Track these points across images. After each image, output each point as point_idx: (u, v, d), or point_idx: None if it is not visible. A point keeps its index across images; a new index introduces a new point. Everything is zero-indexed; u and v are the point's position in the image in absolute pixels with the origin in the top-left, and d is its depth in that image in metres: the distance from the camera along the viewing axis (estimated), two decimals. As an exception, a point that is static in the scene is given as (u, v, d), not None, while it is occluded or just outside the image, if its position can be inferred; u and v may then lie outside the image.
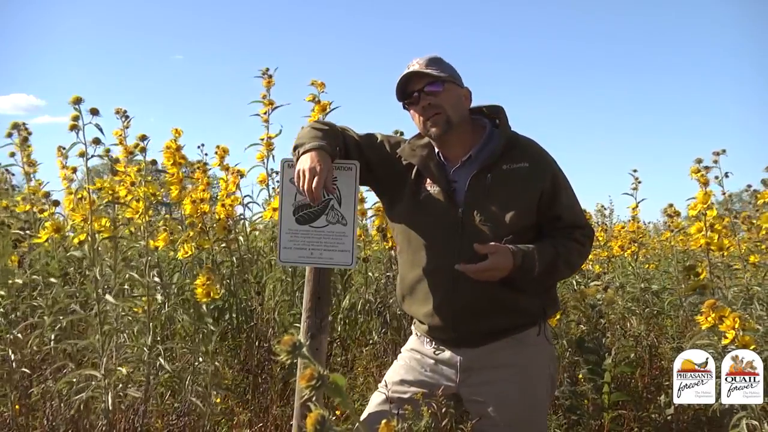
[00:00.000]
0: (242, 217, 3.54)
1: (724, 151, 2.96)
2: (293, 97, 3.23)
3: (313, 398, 0.72)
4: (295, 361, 0.74)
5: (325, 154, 1.67)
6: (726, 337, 1.86)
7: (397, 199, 1.84)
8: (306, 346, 0.74)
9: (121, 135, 2.83)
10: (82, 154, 2.40)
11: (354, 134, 1.86)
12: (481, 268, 1.62)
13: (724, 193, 3.16)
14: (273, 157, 3.53)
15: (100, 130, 2.36)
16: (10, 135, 2.71)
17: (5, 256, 2.92)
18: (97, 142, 2.40)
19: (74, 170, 2.71)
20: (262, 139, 3.51)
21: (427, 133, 1.77)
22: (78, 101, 2.30)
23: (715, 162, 2.96)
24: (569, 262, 1.72)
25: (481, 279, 1.63)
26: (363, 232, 3.68)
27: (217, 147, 3.53)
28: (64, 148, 3.11)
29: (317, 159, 1.65)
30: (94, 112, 2.32)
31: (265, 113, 3.54)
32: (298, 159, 1.71)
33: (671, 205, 4.28)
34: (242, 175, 3.50)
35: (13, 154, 2.99)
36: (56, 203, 2.92)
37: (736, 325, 1.84)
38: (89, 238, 2.50)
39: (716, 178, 2.96)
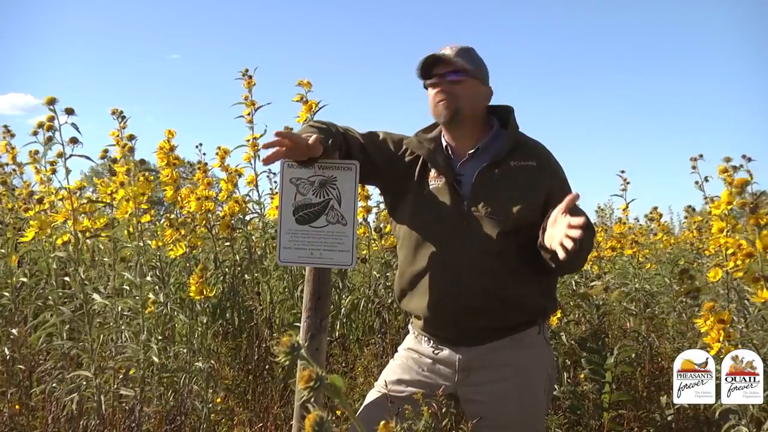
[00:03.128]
0: (254, 212, 3.54)
1: (749, 159, 2.93)
2: (293, 96, 3.20)
3: (312, 399, 0.71)
4: (294, 361, 0.74)
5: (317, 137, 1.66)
6: (711, 348, 1.87)
7: (401, 196, 1.84)
8: (305, 346, 0.74)
9: (117, 135, 2.83)
10: (61, 155, 2.39)
11: (357, 135, 1.86)
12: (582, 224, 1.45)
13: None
14: (259, 157, 3.51)
15: (77, 129, 2.34)
16: (35, 134, 2.73)
17: (9, 255, 2.92)
18: (74, 141, 2.39)
19: (53, 171, 2.71)
20: (248, 141, 3.50)
21: (437, 114, 1.77)
22: (52, 102, 2.29)
23: (728, 161, 2.95)
24: (584, 255, 1.70)
25: (568, 250, 1.44)
26: (367, 229, 3.67)
27: (218, 148, 3.53)
28: (38, 152, 3.10)
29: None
30: (70, 111, 2.31)
31: (248, 114, 3.52)
32: None
33: (656, 208, 4.29)
34: (240, 175, 3.51)
35: (36, 152, 3.00)
36: (40, 201, 2.92)
37: (721, 338, 1.84)
38: (72, 239, 2.49)
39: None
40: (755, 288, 2.01)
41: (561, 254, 1.46)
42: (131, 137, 2.63)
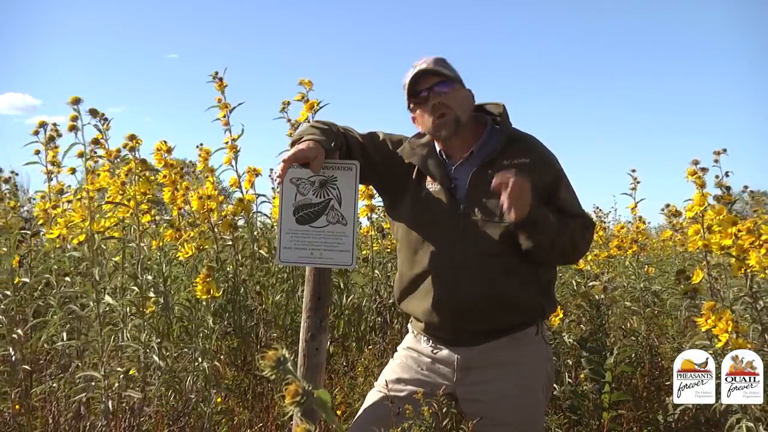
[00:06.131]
0: (258, 213, 3.52)
1: (724, 150, 2.95)
2: (291, 95, 3.20)
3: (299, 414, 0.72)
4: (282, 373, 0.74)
5: (318, 145, 1.68)
6: (720, 340, 1.86)
7: (399, 198, 1.85)
8: (304, 347, 0.74)
9: (101, 137, 2.83)
10: (82, 155, 2.41)
11: (356, 134, 1.86)
12: (513, 182, 1.54)
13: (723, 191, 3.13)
14: (238, 159, 3.45)
15: (100, 130, 2.37)
16: (36, 133, 2.73)
17: (12, 256, 2.92)
18: (96, 142, 2.42)
19: (73, 171, 2.71)
20: (226, 143, 3.45)
21: (436, 133, 1.76)
22: (77, 102, 2.31)
23: (716, 161, 2.95)
24: (573, 236, 1.70)
25: (510, 202, 1.54)
26: (370, 228, 3.66)
27: (200, 149, 3.50)
28: (38, 152, 3.10)
29: (309, 145, 1.67)
30: (94, 113, 2.34)
31: (224, 117, 3.47)
32: None
33: (668, 205, 4.27)
34: (258, 174, 3.48)
35: (38, 152, 3.01)
36: (69, 200, 2.93)
37: (730, 328, 1.84)
38: (89, 239, 2.51)
39: (716, 177, 2.95)
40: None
41: (508, 216, 1.57)
42: (133, 137, 2.63)
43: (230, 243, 3.24)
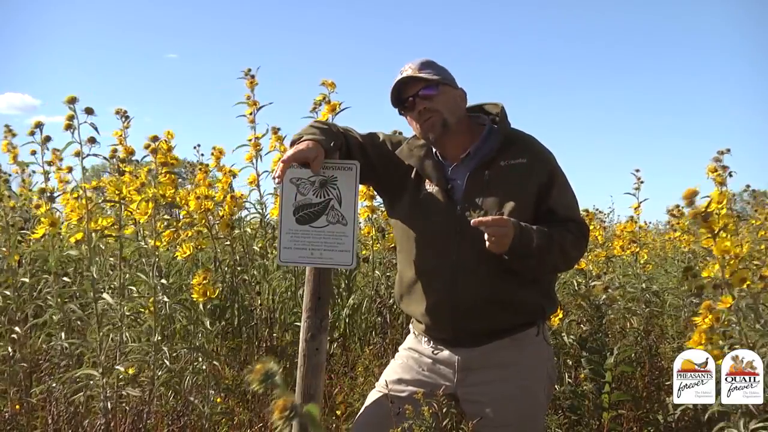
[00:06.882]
0: (256, 213, 3.54)
1: (728, 150, 2.95)
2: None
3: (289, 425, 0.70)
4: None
5: (317, 145, 1.68)
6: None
7: (398, 198, 1.85)
8: (306, 345, 0.73)
9: (121, 135, 2.83)
10: (78, 154, 2.41)
11: (357, 135, 1.86)
12: (490, 222, 1.57)
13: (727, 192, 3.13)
14: (261, 157, 3.51)
15: (96, 129, 2.37)
16: (32, 134, 2.73)
17: (12, 254, 2.92)
18: (92, 141, 2.41)
19: (70, 169, 2.70)
20: (250, 140, 3.48)
21: (425, 137, 1.77)
22: (73, 101, 2.31)
23: (718, 161, 2.95)
24: (563, 249, 1.70)
25: (490, 242, 1.57)
26: (371, 229, 3.66)
27: (213, 148, 3.52)
28: (34, 152, 3.11)
29: (308, 145, 1.67)
30: (89, 111, 2.34)
31: (250, 114, 3.50)
32: None
33: (677, 206, 4.26)
34: (234, 175, 3.49)
35: (34, 152, 3.02)
36: (51, 199, 2.93)
37: (703, 340, 1.86)
38: (86, 237, 2.51)
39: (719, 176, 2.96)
40: (715, 294, 2.03)
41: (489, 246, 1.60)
42: (155, 138, 2.64)
43: (228, 243, 3.25)
